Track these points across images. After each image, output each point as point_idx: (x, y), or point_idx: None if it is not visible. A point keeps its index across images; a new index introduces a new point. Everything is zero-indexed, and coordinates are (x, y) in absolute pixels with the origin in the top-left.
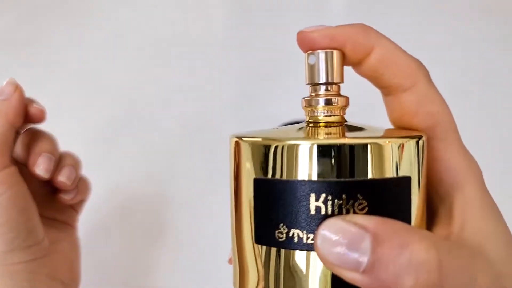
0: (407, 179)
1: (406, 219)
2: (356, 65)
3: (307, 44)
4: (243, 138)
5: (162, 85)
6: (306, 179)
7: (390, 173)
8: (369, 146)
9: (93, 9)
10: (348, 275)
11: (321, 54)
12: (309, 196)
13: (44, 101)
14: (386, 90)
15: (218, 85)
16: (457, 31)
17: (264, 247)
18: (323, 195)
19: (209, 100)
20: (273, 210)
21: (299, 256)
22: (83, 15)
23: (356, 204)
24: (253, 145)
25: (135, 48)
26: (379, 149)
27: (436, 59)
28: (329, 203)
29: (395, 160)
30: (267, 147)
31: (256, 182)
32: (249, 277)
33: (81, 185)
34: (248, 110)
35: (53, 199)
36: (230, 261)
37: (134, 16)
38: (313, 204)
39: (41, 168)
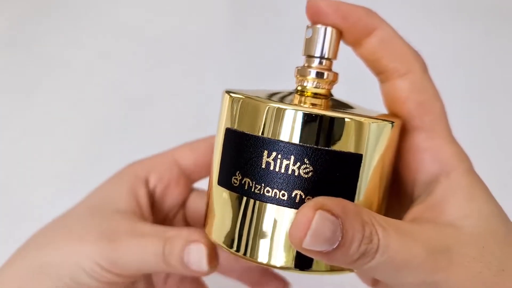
0: (358, 157)
1: (349, 194)
2: (357, 45)
3: (313, 12)
4: (232, 94)
5: (161, 85)
6: (269, 137)
7: (347, 148)
8: (335, 120)
9: (93, 9)
10: (316, 256)
11: (320, 29)
12: (263, 152)
13: (43, 101)
14: (383, 76)
15: (218, 85)
16: (457, 30)
17: (224, 189)
18: (274, 153)
19: (209, 100)
20: (234, 158)
21: (247, 203)
22: (83, 15)
23: (302, 167)
24: (241, 102)
25: (135, 48)
26: (341, 124)
27: (435, 59)
28: (278, 161)
29: (355, 137)
30: (253, 106)
31: (227, 131)
32: (215, 218)
33: None
34: None
35: None
36: None
37: (134, 16)
38: (264, 159)
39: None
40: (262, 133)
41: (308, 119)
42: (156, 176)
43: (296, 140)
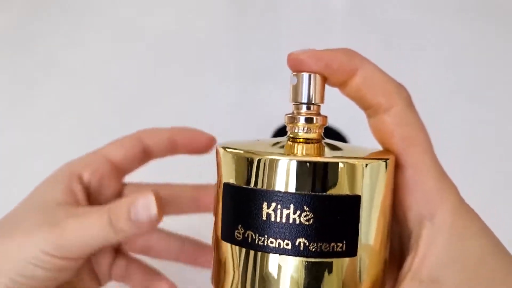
0: (356, 198)
1: (351, 236)
2: (342, 86)
3: (295, 64)
4: (227, 149)
5: (161, 85)
6: (264, 188)
7: (344, 191)
8: (328, 165)
9: (93, 9)
10: None
11: (304, 76)
12: (262, 204)
13: (43, 101)
14: (370, 111)
15: (218, 85)
16: (457, 29)
17: (228, 244)
18: (273, 203)
19: (209, 100)
20: (234, 212)
21: (252, 255)
22: (83, 15)
23: (302, 215)
24: (235, 156)
25: (135, 48)
26: (335, 168)
27: (435, 58)
28: (278, 211)
29: (351, 179)
30: (247, 159)
31: (225, 186)
32: (222, 271)
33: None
34: (248, 110)
35: (102, 253)
36: None
37: (133, 16)
38: (264, 211)
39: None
40: (258, 185)
41: (302, 167)
42: (89, 171)
43: (292, 188)
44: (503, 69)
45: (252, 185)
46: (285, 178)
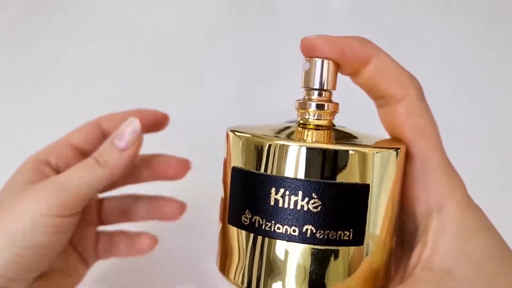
0: (365, 187)
1: (359, 225)
2: (354, 75)
3: (309, 49)
4: (237, 133)
5: (161, 85)
6: (273, 174)
7: (354, 179)
8: (339, 153)
9: (93, 9)
10: None
11: (317, 62)
12: (270, 189)
13: (43, 101)
14: (381, 101)
15: (218, 85)
16: (457, 29)
17: (235, 228)
18: (282, 189)
19: (208, 100)
20: (242, 197)
21: (259, 240)
22: (83, 15)
23: (310, 202)
24: (245, 140)
25: (135, 48)
26: (345, 156)
27: (435, 58)
28: (286, 198)
29: (360, 168)
30: (257, 144)
31: (233, 170)
32: (228, 255)
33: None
34: (248, 110)
35: (85, 235)
36: None
37: (133, 16)
38: (273, 197)
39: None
40: (268, 170)
41: (312, 153)
42: (54, 157)
43: (301, 175)
44: (503, 69)
45: (262, 170)
46: (294, 165)
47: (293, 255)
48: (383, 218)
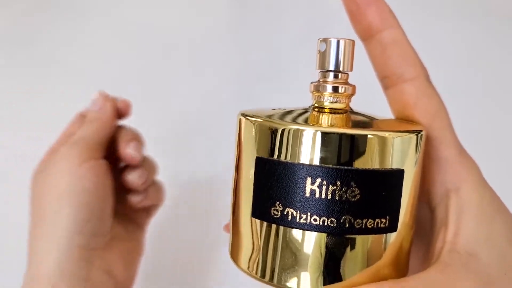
0: (400, 172)
1: (394, 211)
2: (369, 38)
3: None
4: (249, 118)
5: (161, 84)
6: (307, 163)
7: (386, 164)
8: (369, 137)
9: (93, 8)
10: None
11: (333, 42)
12: (306, 179)
13: (43, 100)
14: (388, 81)
15: (218, 85)
16: (457, 29)
17: (259, 221)
18: (319, 179)
19: (209, 100)
20: (271, 188)
21: (294, 233)
22: (83, 13)
23: (349, 192)
24: (259, 125)
25: (135, 47)
26: (379, 140)
27: (435, 58)
28: (324, 187)
29: (392, 152)
30: (272, 129)
31: (258, 160)
32: (243, 247)
33: (152, 190)
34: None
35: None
36: (225, 228)
37: (134, 15)
38: (308, 187)
39: (131, 148)
40: (299, 160)
41: (345, 140)
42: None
43: (337, 163)
44: (503, 68)
45: (282, 158)
46: (330, 152)
47: (329, 247)
48: (408, 203)
